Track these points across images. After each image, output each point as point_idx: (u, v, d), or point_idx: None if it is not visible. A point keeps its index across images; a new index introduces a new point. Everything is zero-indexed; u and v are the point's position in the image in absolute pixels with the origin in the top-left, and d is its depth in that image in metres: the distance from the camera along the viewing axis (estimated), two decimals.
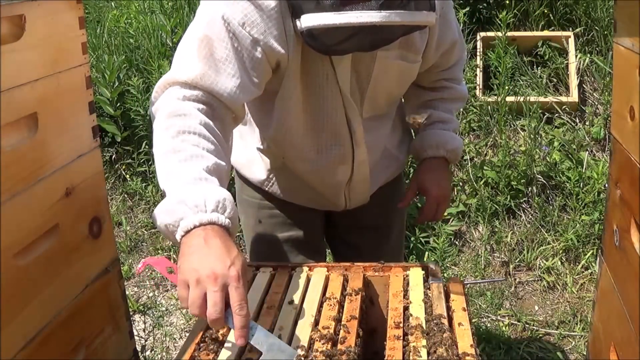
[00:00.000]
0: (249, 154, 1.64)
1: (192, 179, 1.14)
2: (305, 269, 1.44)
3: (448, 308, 1.29)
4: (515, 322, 2.77)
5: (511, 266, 3.06)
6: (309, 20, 1.24)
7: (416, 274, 1.42)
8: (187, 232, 1.09)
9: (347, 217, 1.75)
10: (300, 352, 1.13)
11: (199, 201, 1.10)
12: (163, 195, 1.18)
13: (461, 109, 3.46)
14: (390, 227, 1.84)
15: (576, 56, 3.56)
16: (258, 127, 1.58)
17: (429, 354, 1.14)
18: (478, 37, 3.64)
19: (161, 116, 1.24)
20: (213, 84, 1.26)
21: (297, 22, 1.29)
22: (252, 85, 1.32)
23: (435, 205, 1.70)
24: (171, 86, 1.27)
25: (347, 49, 1.32)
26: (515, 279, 3.02)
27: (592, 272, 2.97)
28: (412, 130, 1.85)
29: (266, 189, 1.67)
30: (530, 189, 3.25)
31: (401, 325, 1.23)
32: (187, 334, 1.89)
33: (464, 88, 1.78)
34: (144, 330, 2.82)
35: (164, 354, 2.71)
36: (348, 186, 1.62)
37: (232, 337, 1.20)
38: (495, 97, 3.44)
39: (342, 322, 1.24)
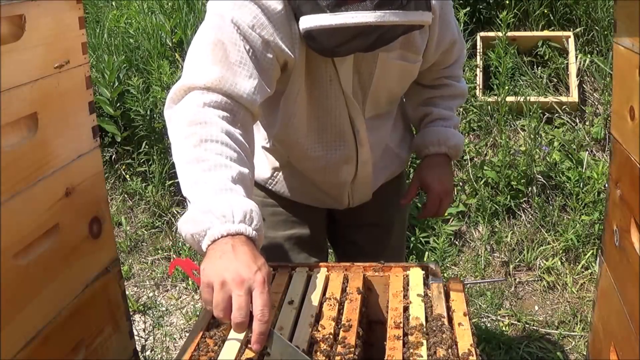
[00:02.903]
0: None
1: (218, 189, 1.12)
2: (305, 268, 1.44)
3: (448, 308, 1.29)
4: (515, 322, 2.77)
5: (511, 266, 3.06)
6: (307, 22, 1.27)
7: (416, 274, 1.42)
8: (214, 241, 1.08)
9: (350, 215, 1.75)
10: None
11: (226, 211, 1.09)
12: (181, 201, 1.17)
13: (461, 107, 3.47)
14: (392, 225, 1.85)
15: (576, 56, 3.56)
16: (264, 126, 1.59)
17: (429, 354, 1.14)
18: (478, 37, 3.64)
19: (181, 124, 1.22)
20: (232, 86, 1.26)
21: (299, 24, 1.31)
22: (266, 86, 1.33)
23: (438, 201, 1.71)
24: (189, 92, 1.25)
25: (346, 50, 1.34)
26: (515, 279, 3.02)
27: (592, 272, 2.97)
28: (413, 128, 1.86)
29: (270, 187, 1.68)
30: (530, 189, 3.25)
31: (401, 325, 1.23)
32: (187, 334, 1.89)
33: (464, 85, 1.79)
34: (144, 330, 2.82)
35: (164, 354, 2.71)
36: (352, 185, 1.64)
37: (232, 336, 1.20)
38: (495, 97, 3.44)
39: (342, 322, 1.24)
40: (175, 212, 3.40)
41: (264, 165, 1.66)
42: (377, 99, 1.55)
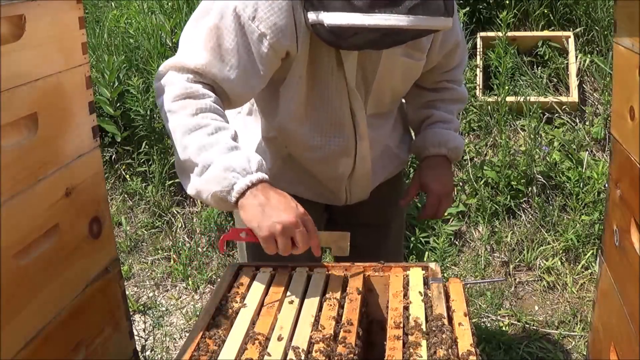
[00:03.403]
0: (252, 144, 1.66)
1: (227, 148, 1.29)
2: (305, 268, 1.44)
3: (448, 308, 1.29)
4: (515, 322, 2.77)
5: (511, 266, 3.06)
6: (336, 18, 1.26)
7: (416, 274, 1.42)
8: (242, 194, 1.26)
9: (347, 215, 1.75)
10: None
11: (245, 165, 1.27)
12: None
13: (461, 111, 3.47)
14: (389, 225, 1.85)
15: (576, 56, 3.56)
16: (263, 115, 1.60)
17: (429, 354, 1.14)
18: (478, 37, 3.64)
19: (173, 96, 1.34)
20: (217, 74, 1.35)
21: (311, 15, 1.31)
22: (256, 78, 1.39)
23: (438, 202, 1.71)
24: (179, 71, 1.36)
25: (358, 44, 1.34)
26: (515, 279, 3.02)
27: (592, 272, 2.97)
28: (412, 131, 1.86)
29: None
30: (530, 189, 3.25)
31: (401, 325, 1.23)
32: (187, 334, 1.89)
33: (465, 90, 1.80)
34: (144, 330, 2.82)
35: (164, 354, 2.71)
36: (350, 180, 1.64)
37: (231, 337, 1.20)
38: (495, 97, 3.44)
39: (342, 322, 1.25)
40: (175, 212, 3.40)
41: (264, 158, 1.67)
42: (380, 95, 1.56)
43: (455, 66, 1.71)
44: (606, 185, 2.82)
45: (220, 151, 1.28)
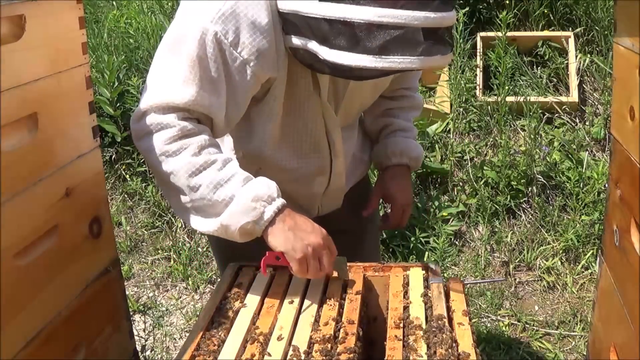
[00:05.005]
0: None
1: (243, 179, 1.30)
2: None
3: (448, 308, 1.29)
4: (515, 322, 2.77)
5: (511, 266, 3.06)
6: (343, 58, 1.20)
7: (416, 274, 1.42)
8: (271, 221, 1.28)
9: (321, 224, 1.73)
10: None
11: (268, 193, 1.29)
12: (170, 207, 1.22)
13: (461, 107, 3.47)
14: (363, 230, 1.82)
15: (576, 56, 3.56)
16: (234, 139, 1.56)
17: (428, 354, 1.14)
18: (478, 37, 3.64)
19: (167, 137, 1.28)
20: (208, 107, 1.31)
21: (295, 40, 1.27)
22: (238, 105, 1.36)
23: (401, 212, 1.72)
24: (163, 110, 1.29)
25: (352, 77, 1.31)
26: (515, 279, 3.02)
27: (592, 272, 2.97)
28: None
29: None
30: (530, 189, 3.25)
31: (401, 325, 1.23)
32: (187, 334, 1.89)
33: (420, 97, 1.81)
34: (144, 330, 2.82)
35: (164, 354, 2.71)
36: (323, 196, 1.63)
37: (231, 337, 1.20)
38: (495, 97, 3.44)
39: (342, 322, 1.25)
40: None
41: None
42: (349, 109, 1.55)
43: (413, 74, 1.72)
44: (606, 185, 2.82)
45: (238, 183, 1.28)
